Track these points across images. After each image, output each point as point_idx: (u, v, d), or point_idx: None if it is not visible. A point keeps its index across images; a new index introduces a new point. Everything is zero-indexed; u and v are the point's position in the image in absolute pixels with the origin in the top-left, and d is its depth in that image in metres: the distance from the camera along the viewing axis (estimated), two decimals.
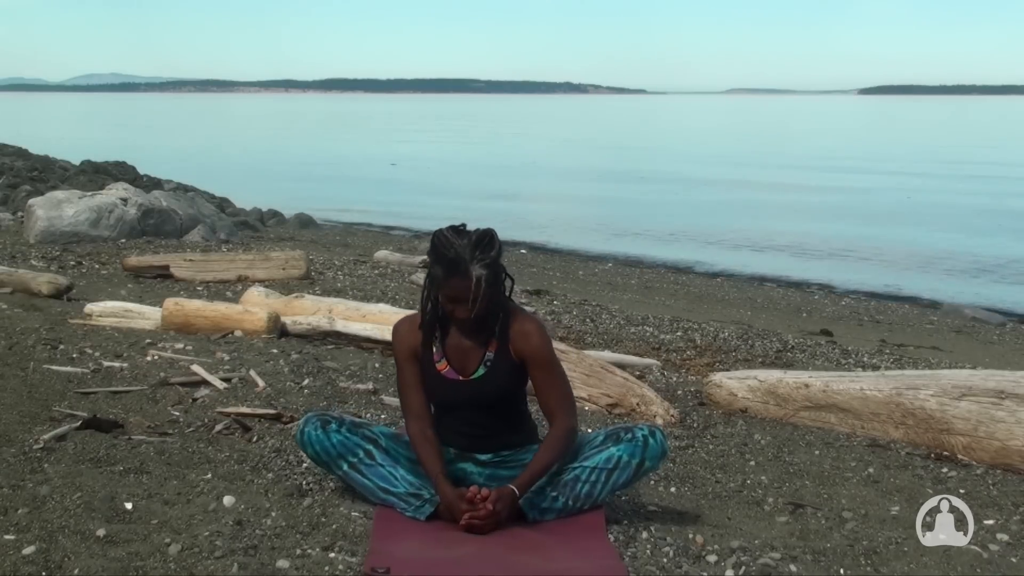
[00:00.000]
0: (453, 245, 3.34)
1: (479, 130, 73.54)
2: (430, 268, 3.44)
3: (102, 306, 6.70)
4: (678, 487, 4.15)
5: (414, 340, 3.53)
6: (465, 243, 3.34)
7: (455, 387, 3.49)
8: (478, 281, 3.32)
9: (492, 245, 3.37)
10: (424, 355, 3.52)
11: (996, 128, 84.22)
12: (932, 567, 3.28)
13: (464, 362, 3.50)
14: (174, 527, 3.15)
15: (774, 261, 17.19)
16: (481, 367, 3.48)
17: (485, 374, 3.48)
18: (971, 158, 43.37)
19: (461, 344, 3.50)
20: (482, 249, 3.34)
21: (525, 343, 3.47)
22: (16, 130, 44.66)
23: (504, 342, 3.48)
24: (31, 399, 4.50)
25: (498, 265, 3.39)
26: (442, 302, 3.44)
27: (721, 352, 7.72)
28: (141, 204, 11.93)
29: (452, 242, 3.35)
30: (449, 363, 3.50)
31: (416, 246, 15.28)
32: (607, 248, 18.18)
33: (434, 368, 3.51)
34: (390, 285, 9.68)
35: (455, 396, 3.50)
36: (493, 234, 3.40)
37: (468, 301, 3.35)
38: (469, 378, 3.49)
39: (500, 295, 3.44)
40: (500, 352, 3.48)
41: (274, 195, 23.15)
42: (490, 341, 3.49)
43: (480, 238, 3.36)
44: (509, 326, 3.48)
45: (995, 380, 5.05)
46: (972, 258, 17.70)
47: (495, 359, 3.48)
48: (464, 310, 3.38)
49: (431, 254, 3.40)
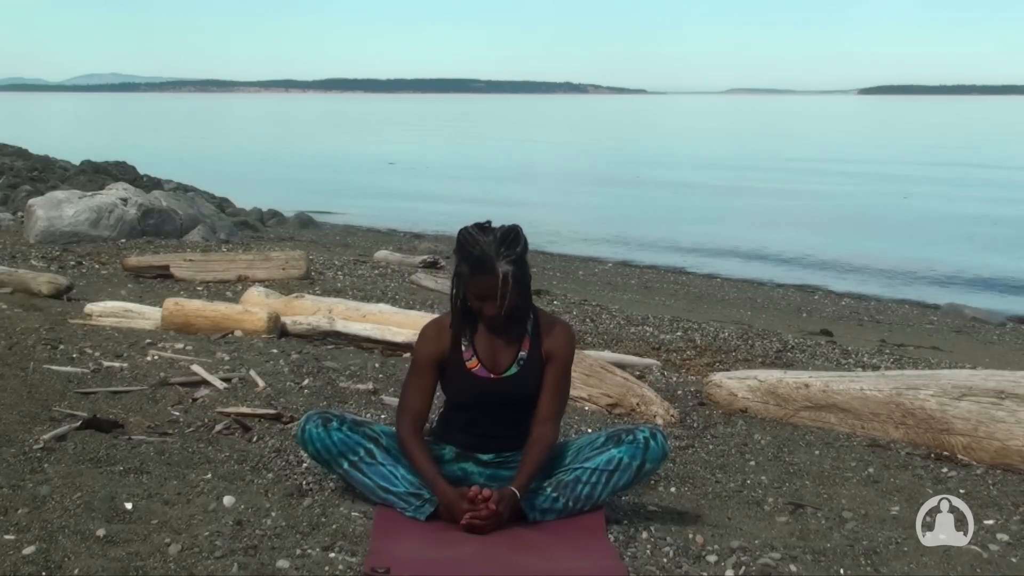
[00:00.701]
0: (479, 242, 3.35)
1: (479, 130, 73.53)
2: (456, 266, 3.44)
3: (102, 306, 6.70)
4: (678, 487, 4.15)
5: (441, 345, 3.51)
6: (490, 240, 3.35)
7: (486, 385, 3.48)
8: (504, 278, 3.33)
9: (517, 241, 3.38)
10: (453, 356, 3.51)
11: (995, 128, 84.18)
12: (932, 567, 3.28)
13: (496, 360, 3.50)
14: (174, 527, 3.15)
15: (774, 261, 17.20)
16: (515, 365, 3.49)
17: (519, 372, 3.49)
18: (971, 158, 43.37)
19: (492, 342, 3.50)
20: (507, 245, 3.35)
21: (556, 342, 3.51)
22: (16, 130, 44.65)
23: (537, 341, 3.50)
24: (31, 399, 4.50)
25: (524, 261, 3.41)
26: (470, 300, 3.44)
27: (721, 352, 7.72)
28: (141, 204, 11.93)
29: (477, 239, 3.35)
30: (480, 361, 3.50)
31: (416, 246, 15.28)
32: (607, 248, 18.18)
33: (464, 367, 3.50)
34: (390, 285, 9.68)
35: (484, 394, 3.48)
36: (518, 230, 3.41)
37: (495, 298, 3.35)
38: (501, 376, 3.49)
39: (527, 291, 3.46)
40: (533, 350, 3.50)
41: (274, 195, 23.15)
42: (523, 339, 3.50)
43: (505, 235, 3.37)
44: (541, 325, 3.52)
45: (995, 380, 5.05)
46: (972, 258, 17.70)
47: (528, 357, 3.50)
48: (492, 307, 3.38)
49: (457, 252, 3.41)
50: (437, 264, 11.86)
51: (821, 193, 28.25)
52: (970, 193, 28.23)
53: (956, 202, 25.99)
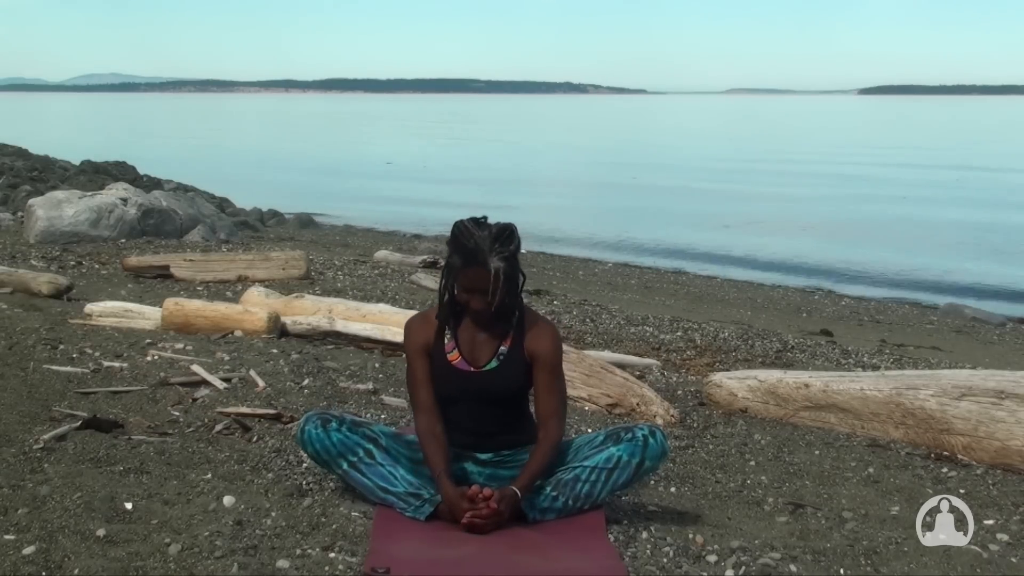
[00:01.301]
0: (473, 235, 3.36)
1: (478, 130, 73.51)
2: (448, 257, 3.45)
3: (102, 306, 6.70)
4: (678, 487, 4.15)
5: (426, 335, 3.54)
6: (485, 235, 3.36)
7: (465, 378, 3.49)
8: (496, 273, 3.34)
9: (512, 239, 3.39)
10: (436, 346, 3.53)
11: (996, 128, 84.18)
12: (932, 567, 3.28)
13: (476, 353, 3.51)
14: (174, 527, 3.15)
15: (774, 261, 17.18)
16: (494, 360, 3.50)
17: (498, 367, 3.50)
18: (971, 158, 43.36)
19: (474, 336, 3.52)
20: (502, 242, 3.36)
21: (539, 343, 3.50)
22: (16, 130, 44.66)
23: (519, 338, 3.51)
24: (31, 399, 4.50)
25: (516, 260, 3.42)
26: (458, 293, 3.45)
27: (721, 352, 7.72)
28: (141, 204, 11.93)
29: (472, 232, 3.36)
30: (461, 354, 3.51)
31: (416, 246, 15.28)
32: (607, 248, 18.18)
33: (445, 359, 3.51)
34: (390, 285, 9.68)
35: (463, 387, 3.49)
36: (513, 229, 3.42)
37: (484, 292, 3.37)
38: (480, 369, 3.50)
39: (517, 290, 3.46)
40: (514, 347, 3.51)
41: (274, 195, 23.15)
42: (506, 336, 3.51)
43: (500, 231, 3.38)
44: (525, 324, 3.52)
45: (995, 380, 5.05)
46: (972, 258, 17.69)
47: (508, 353, 3.50)
48: (479, 301, 3.40)
49: (450, 243, 3.42)
50: (437, 264, 11.85)
51: (821, 193, 28.23)
52: (970, 193, 28.23)
53: (956, 202, 25.97)
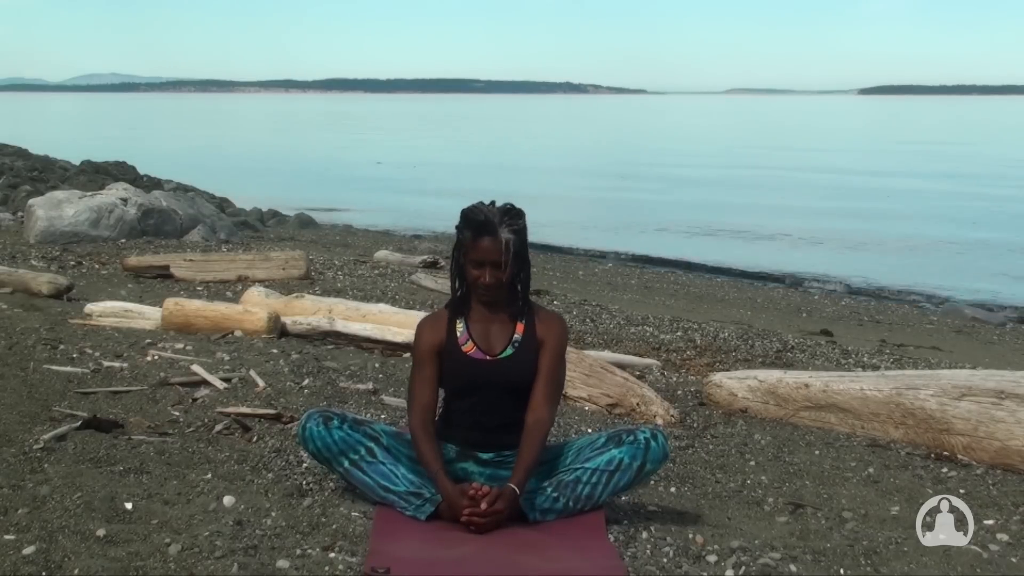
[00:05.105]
0: (482, 210, 3.45)
1: (479, 130, 73.52)
2: (458, 236, 3.50)
3: (102, 306, 6.70)
4: (678, 487, 4.16)
5: (438, 334, 3.56)
6: (494, 210, 3.46)
7: (481, 367, 3.50)
8: (507, 244, 3.40)
9: (520, 215, 3.49)
10: (449, 341, 3.54)
11: (995, 128, 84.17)
12: (932, 567, 3.28)
13: (491, 342, 3.53)
14: (174, 527, 3.15)
15: (774, 261, 17.19)
16: (509, 347, 3.52)
17: (513, 354, 3.52)
18: (972, 157, 43.37)
19: (487, 325, 3.54)
20: (511, 216, 3.45)
21: (549, 329, 3.55)
22: (16, 130, 44.65)
23: (531, 326, 3.55)
24: (31, 399, 4.50)
25: (525, 236, 3.49)
26: (469, 271, 3.48)
27: (721, 352, 7.72)
28: (141, 204, 11.93)
29: (481, 208, 3.46)
30: (475, 344, 3.53)
31: (416, 246, 15.28)
32: (607, 248, 18.18)
33: (459, 350, 3.53)
34: (390, 285, 9.68)
35: (480, 377, 3.50)
36: (521, 209, 3.51)
37: (496, 264, 3.41)
38: (496, 357, 3.52)
39: (526, 266, 3.53)
40: (528, 334, 3.54)
41: (274, 195, 23.16)
42: (518, 323, 3.54)
43: (510, 208, 3.48)
44: (535, 313, 3.58)
45: (995, 380, 5.05)
46: (972, 258, 17.70)
47: (523, 340, 3.53)
48: (491, 275, 3.43)
49: (460, 222, 3.48)
50: (437, 264, 11.86)
51: (821, 193, 28.24)
52: (971, 193, 28.23)
53: (957, 201, 25.99)
